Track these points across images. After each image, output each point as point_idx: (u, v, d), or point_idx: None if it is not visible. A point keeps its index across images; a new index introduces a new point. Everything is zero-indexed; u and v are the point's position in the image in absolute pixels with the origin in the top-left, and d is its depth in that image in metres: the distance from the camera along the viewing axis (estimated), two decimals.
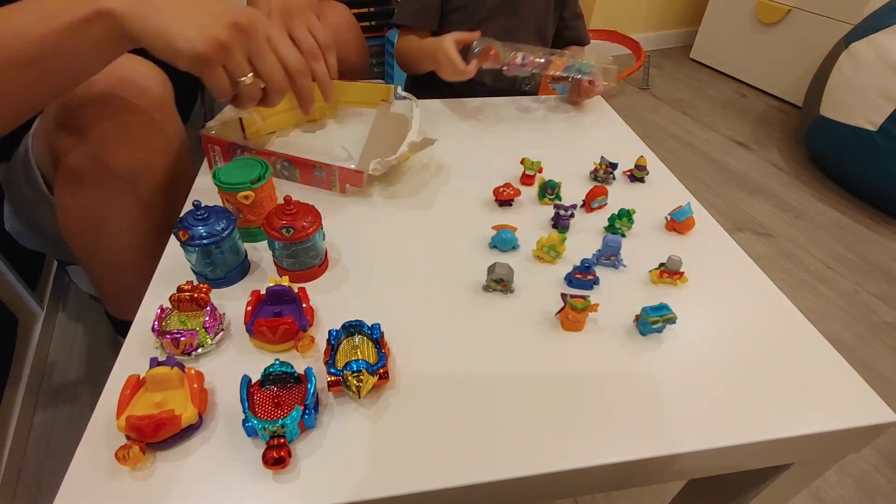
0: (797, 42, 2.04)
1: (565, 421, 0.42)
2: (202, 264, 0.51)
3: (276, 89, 0.56)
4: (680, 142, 1.90)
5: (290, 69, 0.56)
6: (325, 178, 0.66)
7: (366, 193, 0.67)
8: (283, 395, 0.41)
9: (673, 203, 0.64)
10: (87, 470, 0.38)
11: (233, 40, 0.50)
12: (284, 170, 0.66)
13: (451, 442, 0.40)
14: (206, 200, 0.51)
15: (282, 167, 0.66)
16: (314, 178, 0.66)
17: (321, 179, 0.66)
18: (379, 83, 0.81)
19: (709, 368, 0.47)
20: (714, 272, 0.57)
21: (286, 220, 0.50)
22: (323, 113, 0.82)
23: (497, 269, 0.52)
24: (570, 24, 1.04)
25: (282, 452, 0.37)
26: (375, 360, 0.43)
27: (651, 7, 2.52)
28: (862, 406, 0.44)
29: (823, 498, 0.88)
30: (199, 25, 0.48)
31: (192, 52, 0.48)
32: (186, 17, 0.48)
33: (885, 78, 1.43)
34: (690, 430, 0.42)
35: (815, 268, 1.38)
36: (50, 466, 0.89)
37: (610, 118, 0.89)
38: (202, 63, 0.49)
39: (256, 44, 0.52)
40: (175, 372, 0.40)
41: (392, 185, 0.69)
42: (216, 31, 0.49)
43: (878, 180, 1.50)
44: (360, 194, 0.67)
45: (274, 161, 0.66)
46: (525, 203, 0.67)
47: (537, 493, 0.41)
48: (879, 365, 1.12)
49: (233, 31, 0.50)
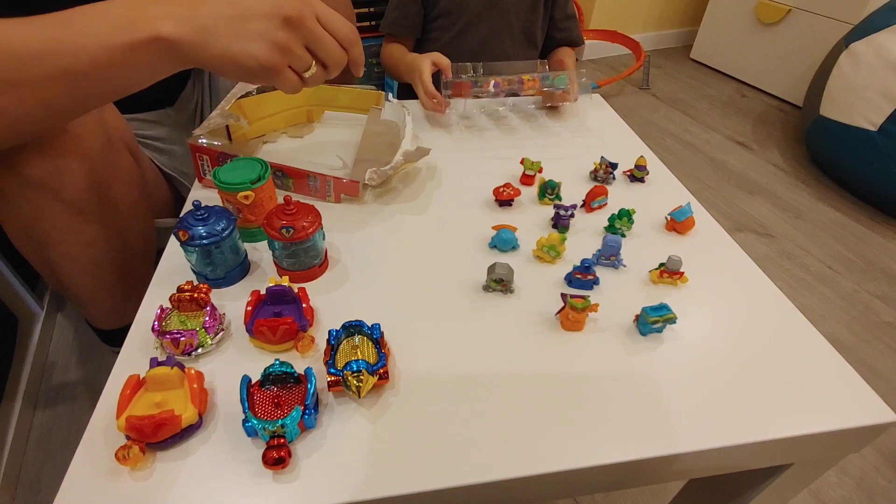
0: (797, 42, 2.04)
1: (565, 421, 0.42)
2: (202, 264, 0.51)
3: (336, 64, 0.55)
4: (680, 142, 1.90)
5: (343, 42, 0.55)
6: (318, 187, 0.65)
7: (365, 195, 0.67)
8: (283, 396, 0.41)
9: (673, 203, 0.64)
10: (87, 470, 0.38)
11: (290, 39, 0.49)
12: (277, 179, 0.66)
13: (450, 442, 0.40)
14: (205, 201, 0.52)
15: (275, 177, 0.66)
16: (308, 187, 0.65)
17: (315, 189, 0.65)
18: (370, 89, 0.81)
19: (709, 368, 0.47)
20: (714, 272, 0.57)
21: (286, 220, 0.50)
22: (311, 117, 0.81)
23: (497, 269, 0.52)
24: (561, 26, 1.03)
25: (282, 452, 0.37)
26: (375, 360, 0.43)
27: (651, 7, 2.52)
28: (862, 406, 0.44)
29: (823, 498, 0.88)
30: (255, 36, 0.48)
31: (259, 67, 0.48)
32: (241, 31, 0.48)
33: (885, 78, 1.42)
34: (690, 430, 0.42)
35: (815, 268, 1.38)
36: (50, 466, 0.89)
37: (610, 118, 0.89)
38: (272, 73, 0.50)
39: (310, 30, 0.51)
40: (175, 372, 0.40)
41: (392, 185, 0.69)
42: (273, 36, 0.48)
43: (878, 180, 1.50)
44: (359, 196, 0.67)
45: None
46: (525, 203, 0.67)
47: (537, 493, 0.41)
48: (879, 365, 1.12)
49: (287, 29, 0.49)
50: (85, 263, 0.65)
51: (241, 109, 0.71)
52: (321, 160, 0.72)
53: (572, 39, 1.04)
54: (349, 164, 0.70)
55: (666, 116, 2.06)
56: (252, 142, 0.75)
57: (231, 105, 0.69)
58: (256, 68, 0.49)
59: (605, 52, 2.50)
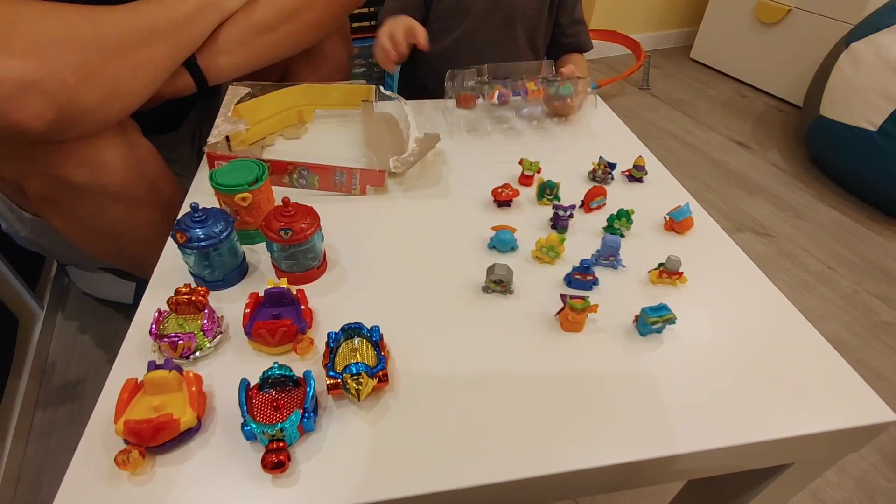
0: (797, 42, 2.04)
1: (565, 422, 0.42)
2: (200, 267, 0.51)
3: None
4: (680, 142, 1.90)
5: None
6: (345, 182, 0.66)
7: (364, 195, 0.67)
8: (282, 399, 0.41)
9: (672, 203, 0.63)
10: (85, 475, 0.38)
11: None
12: (301, 178, 0.66)
13: (450, 444, 0.40)
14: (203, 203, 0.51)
15: (298, 176, 0.66)
16: (333, 183, 0.66)
17: (341, 184, 0.66)
18: (360, 84, 0.81)
19: (708, 369, 0.47)
20: (713, 272, 0.57)
21: (284, 222, 0.50)
22: (301, 118, 0.81)
23: (496, 270, 0.52)
24: (569, 31, 1.00)
25: (281, 456, 0.37)
26: (375, 362, 0.43)
27: (651, 7, 2.51)
28: (862, 406, 0.44)
29: (823, 498, 0.88)
30: None
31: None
32: None
33: (885, 78, 1.42)
34: (690, 431, 0.42)
35: (815, 268, 1.37)
36: (50, 466, 0.89)
37: (608, 118, 0.89)
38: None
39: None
40: (173, 375, 0.40)
41: (390, 186, 0.69)
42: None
43: (878, 180, 1.49)
44: (359, 196, 0.67)
45: (290, 171, 0.65)
46: (524, 204, 0.67)
47: (537, 494, 0.41)
48: (879, 365, 1.12)
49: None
50: (155, 240, 0.68)
51: (238, 115, 0.72)
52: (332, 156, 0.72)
53: (581, 45, 1.01)
54: (360, 158, 0.71)
55: (666, 116, 2.05)
56: (253, 146, 0.75)
57: (231, 110, 0.70)
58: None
59: (605, 52, 2.50)
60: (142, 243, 0.72)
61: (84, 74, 0.55)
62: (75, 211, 0.67)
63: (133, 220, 0.70)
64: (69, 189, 0.63)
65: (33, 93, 0.51)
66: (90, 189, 0.64)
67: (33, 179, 0.63)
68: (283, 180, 0.66)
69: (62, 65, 0.53)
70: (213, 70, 0.72)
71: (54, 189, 0.64)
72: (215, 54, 0.72)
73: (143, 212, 0.70)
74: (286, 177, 0.66)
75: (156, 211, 0.72)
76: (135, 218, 0.70)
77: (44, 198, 0.66)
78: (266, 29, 0.74)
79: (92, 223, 0.69)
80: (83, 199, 0.65)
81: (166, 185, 0.73)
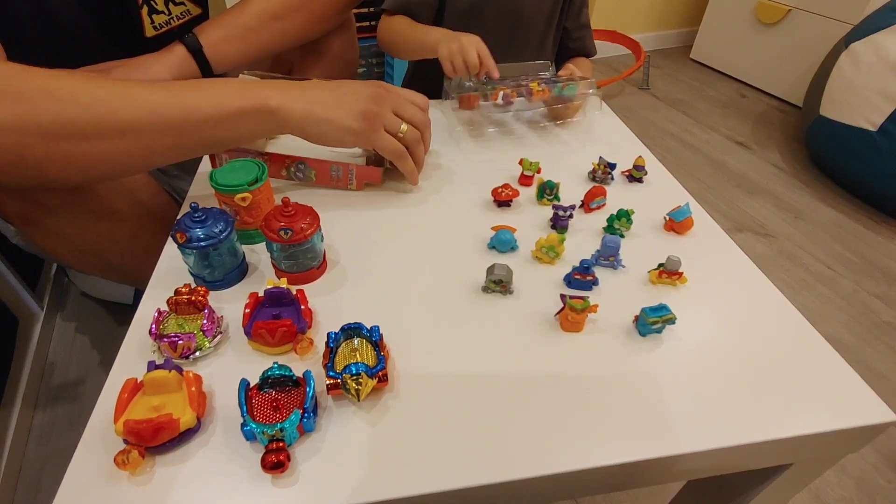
0: (797, 42, 2.04)
1: (565, 422, 0.42)
2: (200, 267, 0.51)
3: (423, 124, 0.65)
4: (680, 142, 1.90)
5: (417, 124, 0.65)
6: (341, 176, 0.66)
7: (364, 195, 0.67)
8: (282, 399, 0.41)
9: (671, 203, 0.63)
10: (85, 474, 0.38)
11: (379, 105, 0.60)
12: (299, 172, 0.66)
13: (450, 445, 0.40)
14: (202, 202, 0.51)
15: (296, 170, 0.66)
16: (330, 177, 0.66)
17: (337, 178, 0.66)
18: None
19: (708, 369, 0.47)
20: (713, 272, 0.57)
21: (284, 222, 0.50)
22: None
23: (496, 271, 0.52)
24: (575, 35, 1.00)
25: (281, 456, 0.37)
26: (374, 362, 0.43)
27: (651, 7, 2.51)
28: (861, 406, 0.44)
29: (823, 498, 0.88)
30: (351, 103, 0.59)
31: (359, 127, 0.59)
32: (340, 103, 0.58)
33: (885, 78, 1.42)
34: (690, 431, 0.42)
35: (815, 268, 1.38)
36: (50, 466, 0.89)
37: (608, 118, 0.89)
38: (369, 131, 0.60)
39: (393, 100, 0.62)
40: (173, 375, 0.40)
41: (390, 186, 0.69)
42: (365, 106, 0.59)
43: (878, 180, 1.49)
44: (358, 196, 0.67)
45: (288, 164, 0.66)
46: (523, 204, 0.67)
47: (537, 494, 0.41)
48: (879, 365, 1.12)
49: (374, 100, 0.60)
50: (141, 252, 0.69)
51: None
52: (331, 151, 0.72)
53: (586, 50, 1.01)
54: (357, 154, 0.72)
55: (666, 117, 2.05)
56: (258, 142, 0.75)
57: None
58: (356, 128, 0.59)
59: (605, 52, 2.50)
60: (128, 256, 0.71)
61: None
62: (56, 231, 0.65)
63: (117, 236, 0.69)
64: (47, 210, 0.62)
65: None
66: (69, 209, 0.63)
67: (9, 203, 0.61)
68: (281, 173, 0.67)
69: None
70: (218, 57, 0.72)
71: (31, 211, 0.62)
72: (221, 41, 0.72)
73: (127, 226, 0.69)
74: (284, 170, 0.66)
75: (140, 223, 0.70)
76: (119, 233, 0.69)
77: (24, 219, 0.63)
78: (274, 17, 0.74)
79: (74, 242, 0.67)
80: (63, 220, 0.64)
81: (149, 196, 0.72)
